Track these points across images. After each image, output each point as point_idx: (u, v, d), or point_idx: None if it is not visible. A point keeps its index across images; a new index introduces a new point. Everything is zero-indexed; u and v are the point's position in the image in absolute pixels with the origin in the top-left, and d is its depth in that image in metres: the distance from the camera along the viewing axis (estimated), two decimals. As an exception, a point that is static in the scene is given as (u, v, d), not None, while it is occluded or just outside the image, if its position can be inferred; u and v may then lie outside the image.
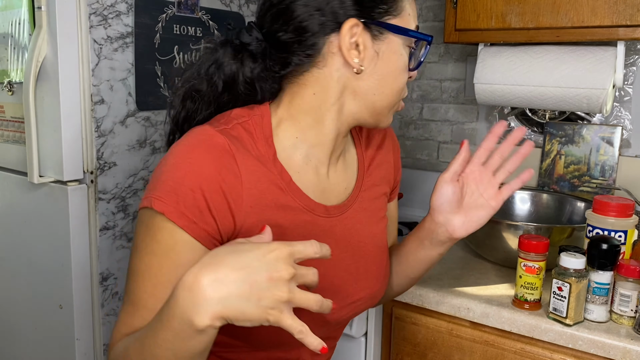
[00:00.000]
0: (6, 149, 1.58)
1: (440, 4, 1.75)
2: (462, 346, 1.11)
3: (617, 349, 0.94)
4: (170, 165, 0.74)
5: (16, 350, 1.67)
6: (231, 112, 0.82)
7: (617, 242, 0.98)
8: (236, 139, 0.77)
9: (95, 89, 1.42)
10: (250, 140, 0.79)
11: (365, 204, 0.92)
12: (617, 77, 1.32)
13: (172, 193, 0.72)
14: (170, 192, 0.72)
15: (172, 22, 1.58)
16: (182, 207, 0.72)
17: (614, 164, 1.50)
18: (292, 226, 0.80)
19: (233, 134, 0.78)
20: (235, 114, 0.82)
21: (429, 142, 1.83)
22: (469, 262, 1.28)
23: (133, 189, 1.55)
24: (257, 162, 0.78)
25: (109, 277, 1.53)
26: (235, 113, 0.82)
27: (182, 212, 0.72)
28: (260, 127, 0.81)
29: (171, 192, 0.72)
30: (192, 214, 0.72)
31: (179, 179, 0.73)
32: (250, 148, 0.78)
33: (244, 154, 0.77)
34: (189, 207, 0.72)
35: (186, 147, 0.75)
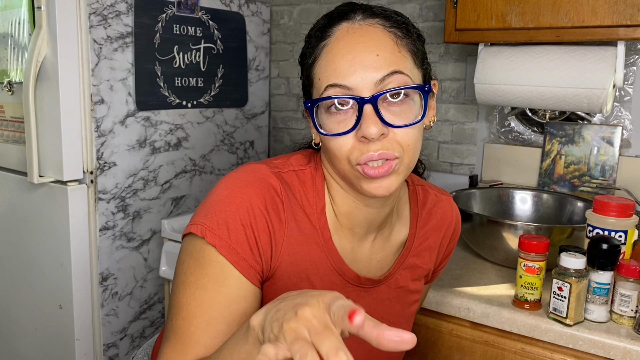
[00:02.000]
0: (6, 149, 1.57)
1: (440, 3, 1.75)
2: (462, 346, 1.11)
3: (617, 349, 0.94)
4: (223, 196, 0.74)
5: (16, 350, 1.67)
6: (291, 156, 0.83)
7: (617, 242, 0.98)
8: (288, 185, 0.78)
9: (95, 89, 1.42)
10: (301, 190, 0.79)
11: (403, 282, 0.89)
12: (618, 77, 1.32)
13: (224, 226, 0.72)
14: (222, 225, 0.72)
15: (172, 22, 1.58)
16: (233, 242, 0.72)
17: (614, 164, 1.50)
18: (321, 285, 0.79)
19: (286, 179, 0.78)
20: (294, 160, 0.82)
21: (429, 142, 1.83)
22: (469, 262, 1.28)
23: (133, 189, 1.55)
24: (302, 212, 0.78)
25: (108, 277, 1.53)
26: (294, 159, 0.82)
27: (233, 247, 0.72)
28: (313, 179, 0.81)
29: (223, 225, 0.72)
30: (243, 250, 0.72)
31: (232, 212, 0.72)
32: (299, 197, 0.78)
33: (292, 202, 0.77)
34: (240, 243, 0.72)
35: (241, 181, 0.75)
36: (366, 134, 0.70)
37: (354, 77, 0.71)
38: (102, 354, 1.54)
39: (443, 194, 0.96)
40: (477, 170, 1.75)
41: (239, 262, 0.72)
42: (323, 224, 0.80)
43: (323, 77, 0.73)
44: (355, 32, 0.73)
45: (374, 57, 0.72)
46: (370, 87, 0.71)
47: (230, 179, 0.76)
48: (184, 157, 1.69)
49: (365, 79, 0.71)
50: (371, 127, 0.69)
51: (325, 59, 0.73)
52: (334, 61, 0.72)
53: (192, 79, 1.66)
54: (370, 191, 0.73)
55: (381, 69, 0.71)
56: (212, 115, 1.76)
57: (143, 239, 1.60)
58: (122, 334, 1.59)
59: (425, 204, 0.92)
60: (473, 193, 1.47)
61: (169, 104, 1.61)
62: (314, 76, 0.75)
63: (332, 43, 0.73)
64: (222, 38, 1.74)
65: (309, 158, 0.83)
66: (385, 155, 0.71)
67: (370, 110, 0.70)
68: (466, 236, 1.30)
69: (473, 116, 1.74)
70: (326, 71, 0.73)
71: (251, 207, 0.73)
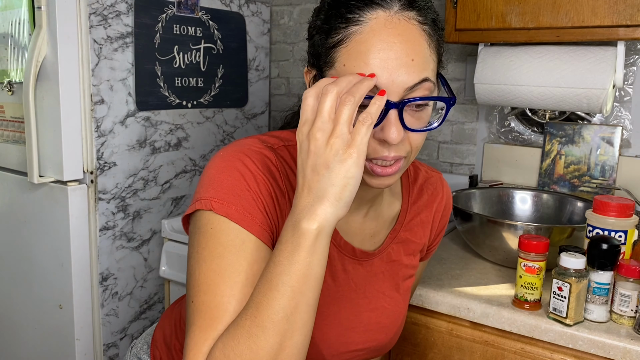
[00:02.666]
0: (6, 149, 1.57)
1: (440, 4, 1.75)
2: (462, 346, 1.11)
3: (617, 349, 0.94)
4: (221, 168, 0.73)
5: (16, 350, 1.67)
6: (281, 132, 0.82)
7: (617, 242, 0.98)
8: (281, 158, 0.77)
9: (95, 89, 1.42)
10: (293, 165, 0.79)
11: (396, 256, 0.90)
12: (617, 77, 1.32)
13: (231, 194, 0.71)
14: (229, 193, 0.71)
15: (172, 22, 1.58)
16: (244, 207, 0.71)
17: (614, 164, 1.50)
18: None
19: (279, 153, 0.78)
20: (284, 136, 0.81)
21: (429, 142, 1.83)
22: (469, 262, 1.28)
23: (133, 189, 1.55)
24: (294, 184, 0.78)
25: (109, 277, 1.53)
26: (284, 135, 0.81)
27: (245, 212, 0.70)
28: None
29: (229, 193, 0.71)
30: (254, 213, 0.71)
31: (236, 179, 0.71)
32: (290, 172, 0.78)
33: (287, 172, 0.77)
34: (250, 206, 0.71)
35: (236, 152, 0.74)
36: (389, 139, 0.69)
37: (385, 78, 0.68)
38: (102, 354, 1.54)
39: (433, 171, 0.98)
40: (477, 170, 1.75)
41: (253, 226, 0.71)
42: None
43: (350, 67, 0.69)
44: (393, 26, 0.69)
45: (409, 61, 0.69)
46: (400, 92, 0.69)
47: (224, 153, 0.75)
48: (184, 157, 1.69)
49: (397, 83, 0.68)
50: (394, 133, 0.68)
51: (356, 48, 0.69)
52: (367, 55, 0.68)
53: (192, 79, 1.66)
54: (371, 185, 0.74)
55: (413, 75, 0.69)
56: (212, 115, 1.76)
57: (143, 239, 1.60)
58: (122, 334, 1.59)
59: (416, 180, 0.93)
60: (473, 193, 1.47)
61: (169, 104, 1.61)
62: (337, 59, 0.71)
63: (366, 33, 0.69)
64: (222, 38, 1.74)
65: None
66: (397, 157, 0.72)
67: (395, 116, 0.69)
68: (466, 236, 1.30)
69: (473, 116, 1.74)
70: (356, 62, 0.69)
71: (252, 172, 0.72)
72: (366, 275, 0.86)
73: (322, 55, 0.73)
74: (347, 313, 0.85)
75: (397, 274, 0.90)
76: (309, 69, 0.78)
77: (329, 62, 0.72)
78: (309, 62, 0.78)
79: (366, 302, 0.87)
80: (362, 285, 0.86)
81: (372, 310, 0.87)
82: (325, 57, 0.73)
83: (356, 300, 0.85)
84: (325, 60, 0.73)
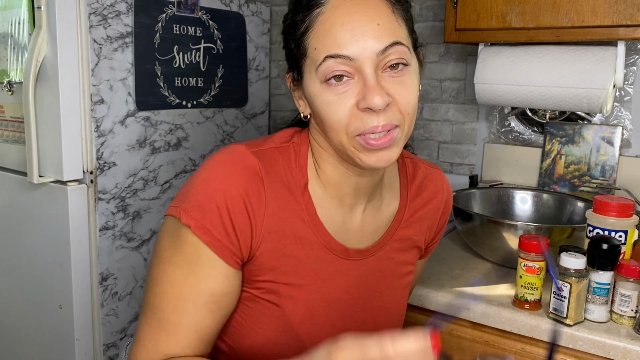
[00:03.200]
0: (6, 149, 1.57)
1: (440, 3, 1.75)
2: (462, 346, 1.11)
3: (618, 349, 0.94)
4: (201, 179, 0.75)
5: (16, 350, 1.67)
6: (274, 135, 0.83)
7: (617, 242, 0.98)
8: (269, 162, 0.78)
9: (95, 89, 1.42)
10: (285, 166, 0.79)
11: (393, 254, 0.89)
12: (618, 77, 1.32)
13: (199, 208, 0.73)
14: (198, 207, 0.73)
15: (172, 22, 1.58)
16: (208, 223, 0.73)
17: (614, 164, 1.50)
18: (307, 259, 0.80)
19: (267, 157, 0.78)
20: (277, 138, 0.82)
21: (429, 142, 1.82)
22: (469, 262, 1.28)
23: (133, 189, 1.55)
24: (285, 189, 0.78)
25: (108, 277, 1.53)
26: (277, 137, 0.82)
27: (207, 228, 0.73)
28: (297, 155, 0.81)
29: (198, 207, 0.73)
30: (217, 231, 0.73)
31: (208, 195, 0.74)
32: (282, 174, 0.78)
33: (273, 179, 0.77)
34: (214, 224, 0.73)
35: (219, 163, 0.76)
36: (372, 105, 0.69)
37: (355, 47, 0.70)
38: (102, 354, 1.54)
39: (434, 168, 0.97)
40: (477, 170, 1.74)
41: (214, 242, 0.73)
42: (307, 199, 0.80)
43: (320, 47, 0.71)
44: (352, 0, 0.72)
45: (375, 26, 0.71)
46: (372, 57, 0.70)
47: (210, 162, 0.77)
48: (184, 157, 1.69)
49: (367, 49, 0.70)
50: (376, 97, 0.69)
51: (321, 28, 0.72)
52: (333, 30, 0.71)
53: (192, 79, 1.66)
54: (370, 164, 0.74)
55: (382, 39, 0.71)
56: (212, 115, 1.76)
57: (143, 239, 1.60)
58: (122, 334, 1.59)
59: (415, 176, 0.92)
60: (473, 193, 1.47)
61: (169, 104, 1.61)
62: (308, 46, 0.73)
63: (328, 11, 0.72)
64: (222, 38, 1.74)
65: (292, 135, 0.83)
66: (388, 126, 0.71)
67: (374, 82, 0.70)
68: (466, 236, 1.30)
69: (473, 116, 1.74)
70: (324, 41, 0.71)
71: (227, 189, 0.74)
72: (361, 275, 0.85)
73: (295, 51, 0.76)
74: (340, 314, 0.84)
75: (395, 271, 0.90)
76: (288, 73, 0.81)
77: (302, 53, 0.74)
78: (288, 67, 0.81)
79: (361, 302, 0.86)
80: (356, 286, 0.85)
81: (368, 310, 0.87)
82: (297, 50, 0.75)
83: (350, 301, 0.85)
84: (299, 53, 0.75)
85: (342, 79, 0.71)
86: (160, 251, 0.76)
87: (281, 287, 0.79)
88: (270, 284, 0.79)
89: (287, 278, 0.79)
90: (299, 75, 0.77)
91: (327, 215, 0.82)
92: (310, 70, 0.73)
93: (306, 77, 0.75)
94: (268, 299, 0.79)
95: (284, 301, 0.79)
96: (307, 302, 0.81)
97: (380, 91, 0.70)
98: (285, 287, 0.79)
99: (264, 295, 0.79)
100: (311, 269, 0.80)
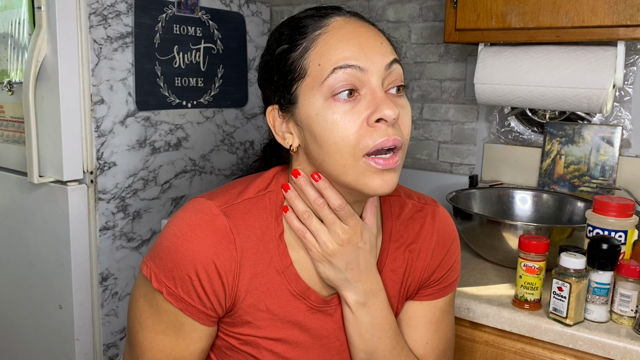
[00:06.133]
0: (6, 149, 1.57)
1: (440, 4, 1.75)
2: (462, 346, 1.11)
3: (617, 349, 0.94)
4: (169, 242, 0.75)
5: (16, 350, 1.67)
6: (252, 181, 0.81)
7: (617, 242, 0.98)
8: (241, 218, 0.77)
9: (95, 89, 1.42)
10: (259, 218, 0.78)
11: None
12: (617, 77, 1.32)
13: (169, 275, 0.74)
14: (168, 274, 0.75)
15: (172, 22, 1.58)
16: (180, 290, 0.74)
17: (614, 164, 1.50)
18: (283, 313, 0.79)
19: (240, 211, 0.77)
20: (254, 187, 0.80)
21: (429, 142, 1.82)
22: (469, 262, 1.28)
23: (133, 189, 1.55)
24: (258, 242, 0.77)
25: (108, 277, 1.53)
26: (254, 185, 0.80)
27: (180, 296, 0.74)
28: (273, 204, 0.79)
29: (169, 274, 0.75)
30: (190, 298, 0.75)
31: (177, 261, 0.74)
32: (257, 227, 0.77)
33: (245, 235, 0.76)
34: (187, 291, 0.74)
35: (188, 226, 0.75)
36: (386, 116, 0.69)
37: (364, 59, 0.71)
38: (102, 354, 1.54)
39: (427, 203, 0.90)
40: (477, 170, 1.75)
41: (189, 309, 0.75)
42: (282, 250, 0.78)
43: (326, 61, 0.71)
44: (354, 22, 0.74)
45: (379, 44, 0.73)
46: (381, 71, 0.71)
47: (179, 223, 0.76)
48: (184, 157, 1.69)
49: (376, 63, 0.71)
50: (391, 107, 0.69)
51: (325, 45, 0.72)
52: (340, 45, 0.71)
53: (192, 79, 1.66)
54: (376, 188, 0.72)
55: (387, 55, 0.72)
56: (212, 115, 1.76)
57: (143, 239, 1.60)
58: (122, 334, 1.59)
59: (399, 215, 0.87)
60: (473, 193, 1.47)
61: (169, 104, 1.61)
62: (309, 65, 0.72)
63: (331, 31, 0.72)
64: (222, 38, 1.74)
65: (271, 180, 0.81)
66: (397, 141, 0.71)
67: (383, 94, 0.71)
68: (466, 236, 1.30)
69: (473, 116, 1.74)
70: (330, 55, 0.71)
71: (196, 257, 0.74)
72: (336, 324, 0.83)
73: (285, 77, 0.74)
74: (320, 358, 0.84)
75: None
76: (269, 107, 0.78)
77: (299, 74, 0.72)
78: (268, 101, 0.79)
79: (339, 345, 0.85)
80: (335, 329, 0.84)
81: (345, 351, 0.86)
82: (292, 74, 0.73)
83: (328, 345, 0.84)
84: (293, 77, 0.73)
85: (352, 94, 0.70)
86: (141, 317, 0.78)
87: (259, 340, 0.79)
88: (247, 337, 0.79)
89: (263, 332, 0.79)
90: (289, 102, 0.74)
91: (304, 261, 0.80)
92: (312, 89, 0.71)
93: (303, 99, 0.72)
94: (246, 350, 0.80)
95: (262, 353, 0.80)
96: (286, 353, 0.80)
97: (391, 103, 0.70)
98: (263, 340, 0.79)
99: (242, 346, 0.80)
100: (287, 321, 0.79)
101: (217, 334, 0.81)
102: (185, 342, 0.77)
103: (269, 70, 0.77)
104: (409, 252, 0.86)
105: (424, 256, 0.87)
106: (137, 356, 0.79)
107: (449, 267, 0.90)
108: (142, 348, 0.78)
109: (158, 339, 0.77)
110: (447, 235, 0.90)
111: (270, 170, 0.83)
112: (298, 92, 0.73)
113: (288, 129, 0.77)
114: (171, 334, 0.77)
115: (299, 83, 0.73)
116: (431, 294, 0.89)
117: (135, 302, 0.79)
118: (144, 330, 0.78)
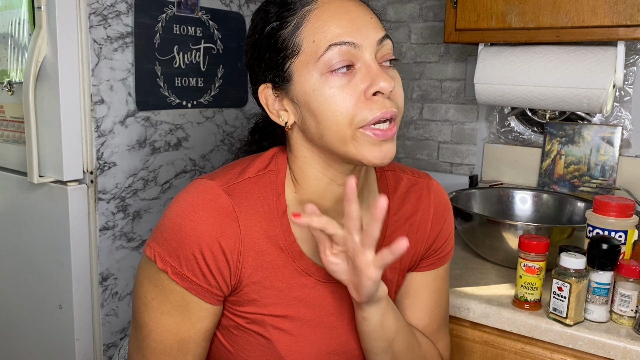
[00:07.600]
0: (6, 149, 1.58)
1: (440, 4, 1.75)
2: (462, 346, 1.11)
3: (617, 349, 0.94)
4: (172, 222, 0.75)
5: (16, 350, 1.67)
6: (251, 163, 0.81)
7: (617, 242, 0.98)
8: (244, 196, 0.77)
9: (95, 89, 1.42)
10: (260, 197, 0.78)
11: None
12: (618, 77, 1.32)
13: (174, 254, 0.74)
14: (173, 253, 0.74)
15: (172, 22, 1.58)
16: (185, 270, 0.74)
17: (614, 164, 1.50)
18: (288, 289, 0.79)
19: (241, 190, 0.77)
20: (254, 166, 0.80)
21: (429, 142, 1.82)
22: (469, 262, 1.28)
23: (133, 189, 1.55)
24: (262, 220, 0.77)
25: (108, 277, 1.53)
26: (254, 165, 0.81)
27: (185, 275, 0.74)
28: (273, 183, 0.80)
29: (173, 254, 0.74)
30: (195, 277, 0.74)
31: (181, 241, 0.74)
32: (259, 205, 0.77)
33: (248, 213, 0.76)
34: (192, 270, 0.74)
35: (190, 205, 0.75)
36: (382, 88, 0.71)
37: (357, 34, 0.72)
38: (102, 354, 1.54)
39: (420, 177, 0.93)
40: (477, 170, 1.75)
41: (195, 287, 0.75)
42: (285, 227, 0.79)
43: (320, 38, 0.72)
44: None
45: (370, 19, 0.75)
46: (373, 45, 0.73)
47: (181, 203, 0.76)
48: (184, 157, 1.69)
49: (369, 37, 0.73)
50: (387, 80, 0.71)
51: (318, 21, 0.72)
52: (332, 21, 0.72)
53: (192, 79, 1.66)
54: (372, 158, 0.73)
55: (378, 30, 0.74)
56: (212, 115, 1.76)
57: (143, 239, 1.60)
58: (122, 334, 1.59)
59: (396, 189, 0.89)
60: (473, 193, 1.47)
61: (169, 104, 1.61)
62: (302, 41, 0.72)
63: (321, 6, 0.73)
64: (222, 38, 1.74)
65: (270, 159, 0.82)
66: (394, 113, 0.73)
67: (378, 67, 0.72)
68: (466, 236, 1.30)
69: (473, 116, 1.74)
70: (324, 31, 0.72)
71: (200, 235, 0.74)
72: (345, 295, 0.83)
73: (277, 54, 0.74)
74: (326, 337, 0.84)
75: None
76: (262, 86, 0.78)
77: (292, 51, 0.73)
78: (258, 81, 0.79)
79: (345, 323, 0.85)
80: (340, 307, 0.84)
81: (353, 329, 0.85)
82: (284, 51, 0.74)
83: (334, 323, 0.84)
84: (286, 54, 0.74)
85: (348, 68, 0.72)
86: (146, 298, 0.78)
87: (265, 318, 0.79)
88: (253, 315, 0.79)
89: (270, 309, 0.79)
90: (283, 80, 0.75)
91: (307, 238, 0.80)
92: (307, 65, 0.72)
93: (298, 75, 0.73)
94: (253, 329, 0.80)
95: (269, 330, 0.80)
96: (292, 330, 0.81)
97: (386, 76, 0.72)
98: (269, 318, 0.79)
99: (248, 325, 0.80)
100: (293, 297, 0.80)
101: (224, 313, 0.81)
102: (190, 321, 0.77)
103: (259, 49, 0.77)
104: (409, 225, 0.89)
105: (423, 228, 0.90)
106: (143, 338, 0.79)
107: (446, 236, 0.93)
108: (148, 329, 0.78)
109: (164, 319, 0.77)
110: (443, 206, 0.93)
111: (269, 150, 0.84)
112: (292, 69, 0.74)
113: (282, 106, 0.77)
114: (177, 314, 0.76)
115: (292, 60, 0.74)
116: (432, 264, 0.92)
117: (139, 284, 0.79)
118: (149, 312, 0.77)
